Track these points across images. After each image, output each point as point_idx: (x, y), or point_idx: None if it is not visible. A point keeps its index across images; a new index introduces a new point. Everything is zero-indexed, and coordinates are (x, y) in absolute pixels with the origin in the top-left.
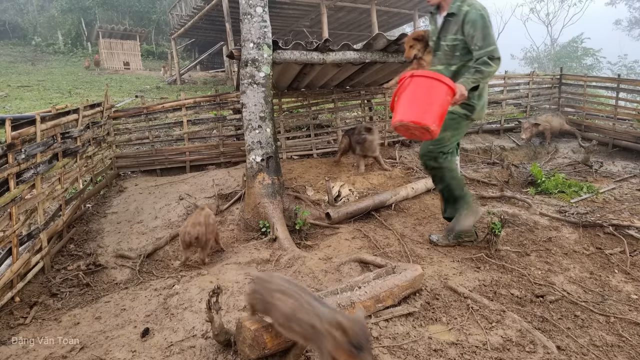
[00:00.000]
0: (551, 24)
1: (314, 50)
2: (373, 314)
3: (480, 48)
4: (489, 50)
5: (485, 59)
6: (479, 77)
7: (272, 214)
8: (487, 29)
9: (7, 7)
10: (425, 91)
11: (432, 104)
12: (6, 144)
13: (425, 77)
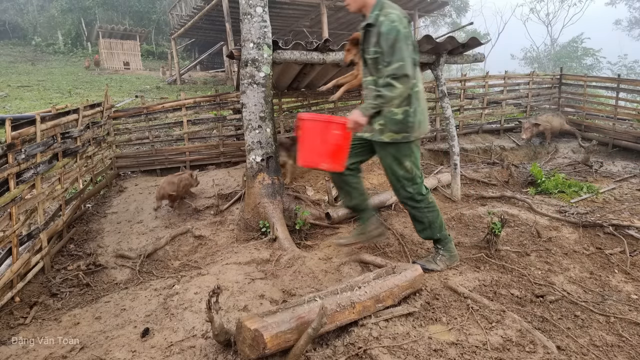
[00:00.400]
0: (551, 24)
1: (314, 50)
2: (373, 314)
3: (388, 64)
4: (394, 67)
5: (388, 80)
6: (380, 102)
7: (272, 214)
8: (398, 42)
9: (7, 7)
10: (314, 134)
11: (324, 144)
12: (6, 144)
13: (311, 121)
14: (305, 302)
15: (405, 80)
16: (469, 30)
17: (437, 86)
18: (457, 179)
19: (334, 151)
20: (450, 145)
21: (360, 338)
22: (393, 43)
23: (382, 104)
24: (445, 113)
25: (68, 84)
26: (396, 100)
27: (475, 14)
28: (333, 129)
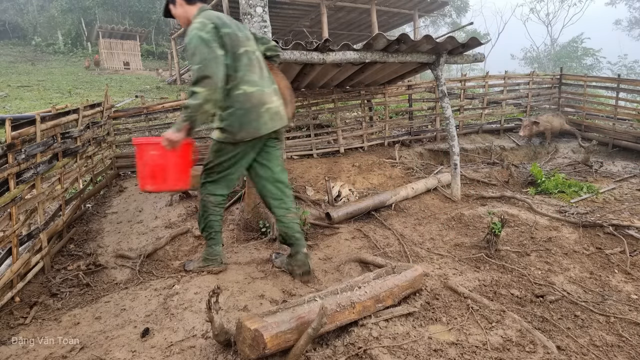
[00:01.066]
0: (551, 24)
1: (314, 50)
2: (373, 314)
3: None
4: (193, 72)
5: (191, 88)
6: (188, 113)
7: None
8: (197, 48)
9: (7, 7)
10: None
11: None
12: (6, 144)
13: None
14: (305, 302)
15: (207, 81)
16: (469, 30)
17: (437, 86)
18: (457, 179)
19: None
20: (450, 145)
21: (360, 338)
22: (193, 50)
23: (190, 114)
24: (445, 113)
25: (68, 84)
26: (206, 105)
27: (475, 14)
28: (150, 150)
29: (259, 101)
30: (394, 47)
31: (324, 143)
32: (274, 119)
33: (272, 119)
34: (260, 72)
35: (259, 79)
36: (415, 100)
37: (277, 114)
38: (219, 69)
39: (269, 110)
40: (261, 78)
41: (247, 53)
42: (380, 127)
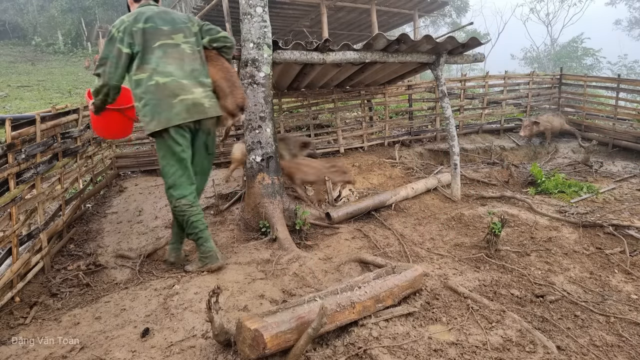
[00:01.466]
0: (551, 24)
1: (314, 50)
2: (373, 314)
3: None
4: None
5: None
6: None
7: (272, 214)
8: (105, 42)
9: (7, 7)
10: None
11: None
12: (6, 144)
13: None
14: (305, 302)
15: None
16: (469, 30)
17: (437, 86)
18: (457, 179)
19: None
20: (450, 145)
21: (360, 338)
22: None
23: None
24: (445, 113)
25: (68, 84)
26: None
27: (475, 14)
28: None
29: (172, 92)
30: (394, 47)
31: (324, 143)
32: (191, 110)
33: (187, 110)
34: (180, 64)
35: (177, 70)
36: (415, 100)
37: (195, 105)
38: (112, 67)
39: (183, 102)
40: (180, 69)
41: (165, 46)
42: (380, 127)
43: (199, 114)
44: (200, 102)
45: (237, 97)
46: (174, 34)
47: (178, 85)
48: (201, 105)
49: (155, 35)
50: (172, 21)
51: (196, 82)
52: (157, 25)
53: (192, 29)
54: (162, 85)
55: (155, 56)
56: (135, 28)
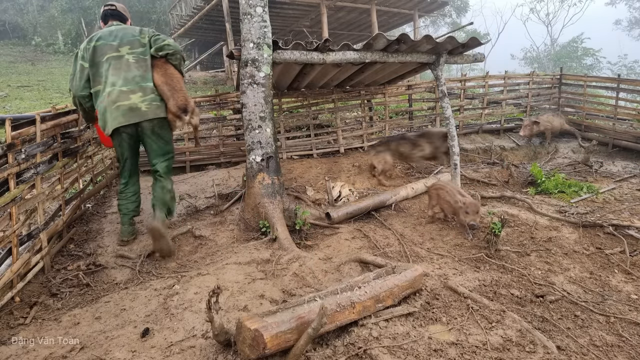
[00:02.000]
0: (551, 24)
1: (314, 50)
2: (373, 314)
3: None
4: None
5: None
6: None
7: (272, 214)
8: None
9: (7, 7)
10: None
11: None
12: (6, 144)
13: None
14: (305, 302)
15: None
16: (469, 30)
17: (437, 86)
18: (457, 179)
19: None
20: (450, 145)
21: (360, 338)
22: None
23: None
24: (445, 113)
25: (68, 84)
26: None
27: (475, 14)
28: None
29: (112, 100)
30: (394, 47)
31: (324, 143)
32: (126, 114)
33: (123, 114)
34: (125, 74)
35: (118, 79)
36: (415, 100)
37: (132, 109)
38: (76, 82)
39: (119, 108)
40: (121, 79)
41: (111, 59)
42: (380, 127)
43: (135, 117)
44: (137, 107)
45: (178, 100)
46: (121, 47)
47: (118, 93)
48: (138, 109)
49: (104, 50)
50: (121, 36)
51: (136, 88)
52: (107, 42)
53: (142, 40)
54: (107, 94)
55: (104, 69)
56: (89, 46)
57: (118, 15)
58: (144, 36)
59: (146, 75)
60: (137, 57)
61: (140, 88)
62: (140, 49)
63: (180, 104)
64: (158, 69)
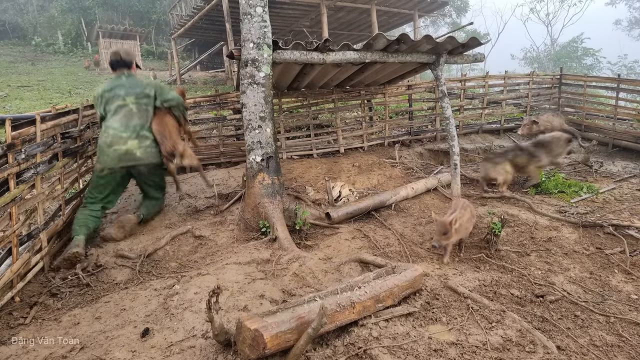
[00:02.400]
0: (551, 24)
1: (314, 50)
2: (373, 314)
3: None
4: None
5: None
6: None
7: (272, 214)
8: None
9: (7, 7)
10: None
11: None
12: (6, 144)
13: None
14: (305, 302)
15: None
16: (469, 30)
17: (437, 86)
18: (457, 179)
19: None
20: (450, 145)
21: (360, 338)
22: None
23: None
24: (445, 113)
25: (68, 84)
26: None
27: (475, 14)
28: None
29: (110, 143)
30: (394, 47)
31: (324, 143)
32: (122, 158)
33: (119, 158)
34: (126, 121)
35: (120, 125)
36: (415, 100)
37: (127, 153)
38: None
39: (115, 151)
40: (122, 125)
41: (118, 107)
42: (380, 127)
43: (129, 161)
44: (133, 152)
45: (167, 147)
46: (127, 96)
47: (116, 137)
48: (132, 154)
49: (112, 99)
50: (129, 87)
51: (134, 135)
52: (116, 92)
53: (147, 91)
54: (108, 135)
55: (110, 114)
56: (101, 94)
57: (124, 62)
58: (150, 89)
59: (146, 125)
60: (140, 107)
61: (138, 136)
62: (145, 100)
63: (168, 150)
64: (157, 117)
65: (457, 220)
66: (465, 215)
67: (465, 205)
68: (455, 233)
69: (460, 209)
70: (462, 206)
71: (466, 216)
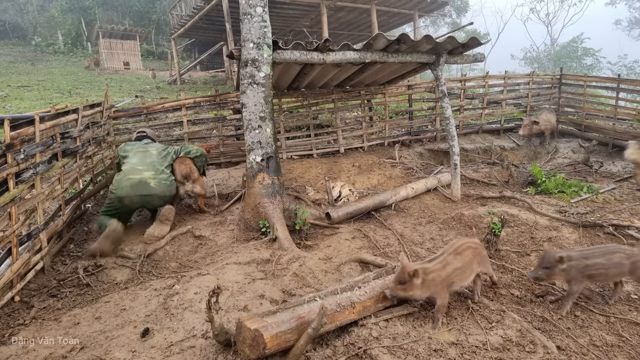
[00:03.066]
0: (551, 24)
1: (314, 50)
2: (373, 314)
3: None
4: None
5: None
6: None
7: (272, 214)
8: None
9: (7, 7)
10: None
11: None
12: (5, 144)
13: None
14: (305, 302)
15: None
16: (469, 30)
17: (437, 86)
18: (457, 179)
19: None
20: (450, 145)
21: (360, 338)
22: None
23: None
24: (445, 113)
25: (68, 84)
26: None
27: (475, 14)
28: None
29: (126, 174)
30: (394, 47)
31: (324, 143)
32: (135, 187)
33: (132, 186)
34: (143, 158)
35: (138, 161)
36: (415, 100)
37: (141, 182)
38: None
39: (130, 180)
40: (140, 161)
41: (139, 152)
42: (380, 127)
43: (143, 190)
44: (146, 182)
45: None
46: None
47: (132, 169)
48: (147, 184)
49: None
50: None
51: (150, 168)
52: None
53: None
54: (124, 169)
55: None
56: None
57: (148, 137)
58: (166, 150)
59: (163, 163)
60: (160, 153)
61: (154, 169)
62: (164, 152)
63: (184, 173)
64: (178, 160)
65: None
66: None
67: (464, 247)
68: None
69: (451, 253)
70: (457, 250)
71: (459, 263)
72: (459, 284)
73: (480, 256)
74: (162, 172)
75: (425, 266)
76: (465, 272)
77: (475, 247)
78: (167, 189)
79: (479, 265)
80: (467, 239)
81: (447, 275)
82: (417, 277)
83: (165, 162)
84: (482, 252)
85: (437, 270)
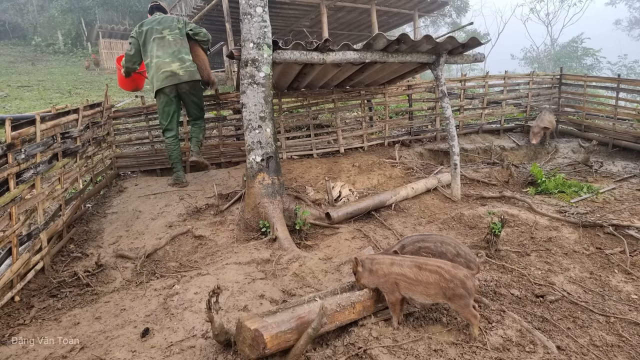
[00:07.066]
0: (551, 24)
1: (314, 50)
2: (373, 314)
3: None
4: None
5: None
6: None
7: (272, 214)
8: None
9: (7, 7)
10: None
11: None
12: (6, 144)
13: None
14: (305, 302)
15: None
16: (469, 30)
17: (437, 86)
18: (457, 179)
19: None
20: (450, 145)
21: (360, 338)
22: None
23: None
24: (445, 113)
25: (68, 84)
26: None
27: (475, 14)
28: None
29: (158, 67)
30: (394, 47)
31: (324, 143)
32: (169, 78)
33: (166, 77)
34: (165, 49)
35: (163, 53)
36: (415, 100)
37: (173, 74)
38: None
39: (164, 73)
40: (164, 53)
41: (157, 39)
42: (380, 127)
43: (175, 80)
44: (176, 72)
45: (203, 77)
46: (163, 30)
47: (162, 62)
48: (176, 74)
49: (150, 33)
50: (162, 22)
51: (176, 59)
52: (151, 27)
53: (177, 25)
54: (154, 63)
55: (151, 46)
56: (140, 30)
57: (161, 8)
58: (179, 22)
59: (182, 50)
60: (175, 36)
61: (178, 59)
62: (177, 31)
63: (205, 79)
64: (192, 49)
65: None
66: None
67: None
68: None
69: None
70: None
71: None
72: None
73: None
74: (184, 60)
75: (375, 257)
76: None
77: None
78: (193, 75)
79: (444, 298)
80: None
81: (389, 273)
82: (359, 265)
83: (183, 48)
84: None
85: (382, 264)
